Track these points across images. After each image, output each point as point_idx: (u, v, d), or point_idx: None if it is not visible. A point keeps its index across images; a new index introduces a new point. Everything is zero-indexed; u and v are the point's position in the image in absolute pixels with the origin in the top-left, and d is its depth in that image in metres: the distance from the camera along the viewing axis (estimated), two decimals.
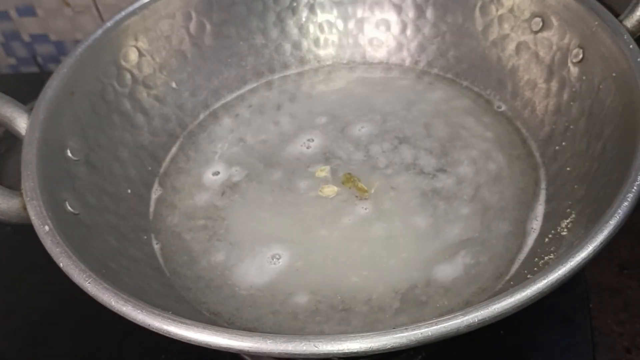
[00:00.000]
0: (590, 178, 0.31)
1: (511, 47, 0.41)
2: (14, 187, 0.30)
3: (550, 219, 0.33)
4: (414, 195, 0.36)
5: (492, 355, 0.36)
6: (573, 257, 0.22)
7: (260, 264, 0.34)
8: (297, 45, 0.48)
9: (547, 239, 0.32)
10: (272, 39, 0.47)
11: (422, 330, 0.21)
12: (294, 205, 0.37)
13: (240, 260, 0.35)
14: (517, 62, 0.41)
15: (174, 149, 0.43)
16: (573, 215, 0.30)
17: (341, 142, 0.41)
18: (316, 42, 0.48)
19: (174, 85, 0.43)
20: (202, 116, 0.45)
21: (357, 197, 0.37)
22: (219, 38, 0.45)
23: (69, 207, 0.31)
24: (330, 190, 0.37)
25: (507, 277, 0.32)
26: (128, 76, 0.40)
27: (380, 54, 0.48)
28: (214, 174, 0.40)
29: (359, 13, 0.47)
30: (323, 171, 0.39)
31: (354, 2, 0.47)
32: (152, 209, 0.39)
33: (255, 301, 0.33)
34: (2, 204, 0.29)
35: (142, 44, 0.41)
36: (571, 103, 0.36)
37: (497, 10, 0.41)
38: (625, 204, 0.24)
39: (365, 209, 0.36)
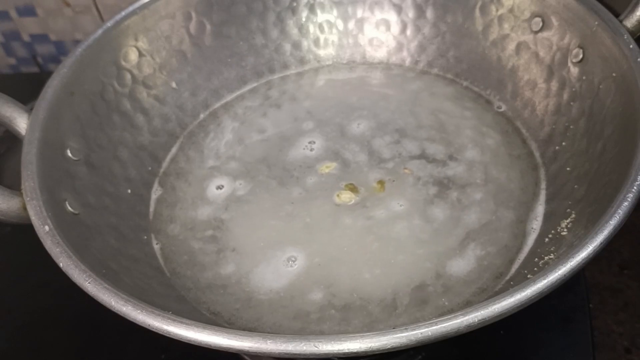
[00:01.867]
0: (590, 178, 0.31)
1: (511, 47, 0.41)
2: (14, 187, 0.30)
3: (550, 219, 0.33)
4: (427, 187, 0.37)
5: (492, 355, 0.36)
6: (573, 257, 0.22)
7: (275, 266, 0.34)
8: (297, 46, 0.48)
9: (547, 239, 0.32)
10: (272, 39, 0.47)
11: (422, 330, 0.21)
12: (300, 206, 0.37)
13: (253, 265, 0.35)
14: (517, 62, 0.41)
15: (174, 149, 0.43)
16: (573, 215, 0.30)
17: (344, 142, 0.41)
18: (316, 42, 0.48)
19: (174, 85, 0.43)
20: (202, 116, 0.45)
21: (372, 195, 0.37)
22: (219, 38, 0.45)
23: (69, 207, 0.31)
24: (347, 196, 0.37)
25: (507, 277, 0.32)
26: (128, 76, 0.40)
27: (380, 54, 0.48)
28: (216, 180, 0.40)
29: (359, 13, 0.47)
30: (328, 167, 0.39)
31: (354, 2, 0.47)
32: (152, 209, 0.39)
33: (256, 300, 0.33)
34: (2, 204, 0.29)
35: (142, 44, 0.41)
36: (571, 103, 0.36)
37: (497, 10, 0.41)
38: (625, 204, 0.24)
39: (402, 206, 0.36)
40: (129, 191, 0.38)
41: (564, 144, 0.36)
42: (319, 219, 0.36)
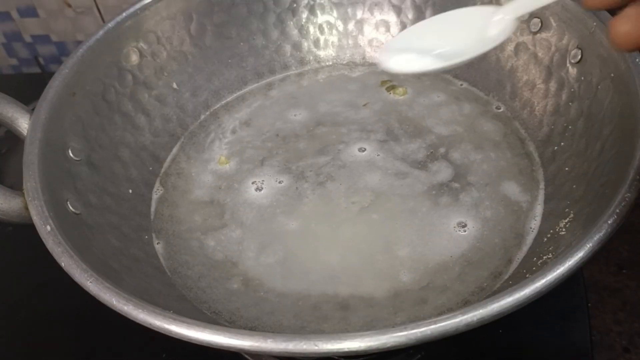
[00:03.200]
0: (588, 178, 0.31)
1: (510, 47, 0.41)
2: (16, 187, 0.30)
3: (549, 219, 0.33)
4: (425, 187, 0.37)
5: (491, 354, 0.36)
6: (571, 257, 0.23)
7: (275, 266, 0.34)
8: (297, 46, 0.48)
9: (545, 239, 0.32)
10: (273, 40, 0.47)
11: (421, 329, 0.21)
12: (300, 206, 0.37)
13: (253, 265, 0.35)
14: (516, 62, 0.41)
15: (175, 149, 0.43)
16: (571, 215, 0.31)
17: (343, 142, 0.41)
18: (316, 43, 0.48)
19: (174, 85, 0.44)
20: (202, 116, 0.45)
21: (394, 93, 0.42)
22: (220, 39, 0.45)
23: (71, 207, 0.31)
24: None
25: (506, 277, 0.32)
26: (129, 77, 0.41)
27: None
28: (216, 180, 0.41)
29: (359, 14, 0.47)
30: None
31: (354, 3, 0.47)
32: (153, 208, 0.39)
33: (256, 300, 0.33)
34: (4, 204, 0.29)
35: (143, 44, 0.41)
36: (570, 103, 0.36)
37: None
38: (624, 204, 0.24)
39: (400, 205, 0.36)
40: (130, 191, 0.38)
41: (562, 144, 0.36)
42: (321, 219, 0.36)
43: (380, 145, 0.40)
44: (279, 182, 0.39)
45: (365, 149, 0.40)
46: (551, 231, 0.31)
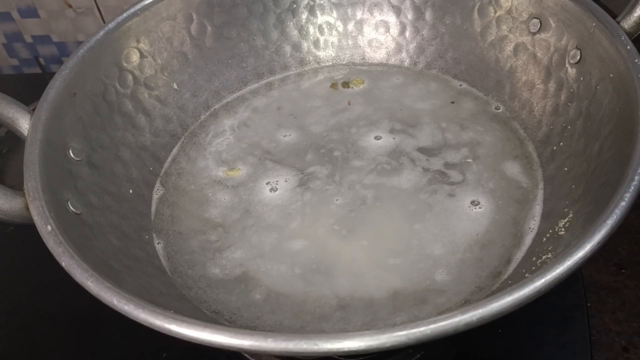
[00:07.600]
0: (587, 178, 0.31)
1: (509, 48, 0.41)
2: (17, 187, 0.30)
3: (548, 219, 0.33)
4: (424, 187, 0.37)
5: (491, 354, 0.36)
6: (570, 257, 0.23)
7: (275, 266, 0.34)
8: (297, 47, 0.48)
9: (544, 239, 0.32)
10: (273, 40, 0.47)
11: (421, 329, 0.21)
12: (302, 206, 0.38)
13: (253, 264, 0.35)
14: (515, 63, 0.41)
15: (175, 149, 0.43)
16: (570, 215, 0.31)
17: (343, 141, 0.41)
18: (316, 43, 0.48)
19: (175, 86, 0.44)
20: (203, 117, 0.45)
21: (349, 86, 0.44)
22: (220, 39, 0.46)
23: (71, 207, 0.31)
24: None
25: (505, 276, 0.32)
26: (129, 77, 0.41)
27: (379, 55, 0.48)
28: (217, 180, 0.41)
29: (359, 15, 0.48)
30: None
31: (354, 3, 0.47)
32: (153, 208, 0.39)
33: (256, 299, 0.33)
34: (5, 204, 0.29)
35: (144, 45, 0.41)
36: (569, 104, 0.36)
37: (495, 11, 0.42)
38: (623, 203, 0.24)
39: (397, 205, 0.36)
40: (131, 191, 0.38)
41: (561, 144, 0.36)
42: (320, 220, 0.36)
43: (394, 134, 0.41)
44: (279, 185, 0.39)
45: (380, 137, 0.41)
46: (550, 231, 0.31)
